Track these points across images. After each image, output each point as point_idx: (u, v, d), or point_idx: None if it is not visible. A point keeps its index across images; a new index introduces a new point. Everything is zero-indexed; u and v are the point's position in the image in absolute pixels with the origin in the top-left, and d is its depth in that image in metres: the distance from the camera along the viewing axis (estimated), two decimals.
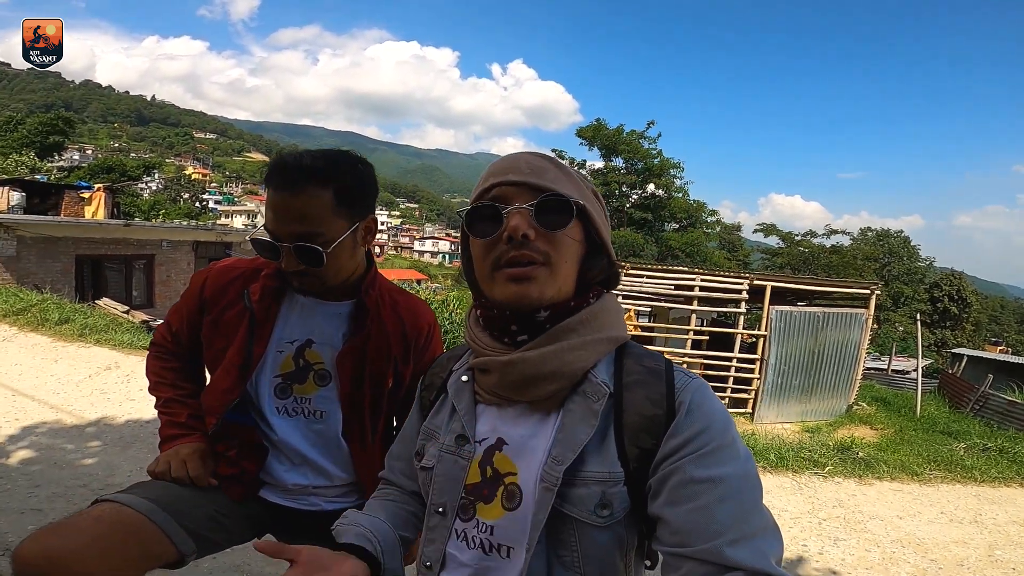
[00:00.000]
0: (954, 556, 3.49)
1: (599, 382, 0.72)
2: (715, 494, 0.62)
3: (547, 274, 0.72)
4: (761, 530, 0.62)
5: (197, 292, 1.24)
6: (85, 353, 6.17)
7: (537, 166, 0.75)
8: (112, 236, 12.32)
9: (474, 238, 0.76)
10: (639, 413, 0.70)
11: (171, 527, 1.07)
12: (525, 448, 0.73)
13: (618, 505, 0.68)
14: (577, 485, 0.68)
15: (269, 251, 1.11)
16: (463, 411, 0.79)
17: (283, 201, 1.06)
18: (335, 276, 1.16)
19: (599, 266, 0.78)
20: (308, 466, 1.23)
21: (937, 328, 36.78)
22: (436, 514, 0.78)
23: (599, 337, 0.74)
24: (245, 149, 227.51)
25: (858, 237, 39.79)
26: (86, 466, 3.36)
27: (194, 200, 49.88)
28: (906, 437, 7.07)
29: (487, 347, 0.77)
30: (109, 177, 31.33)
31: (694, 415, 0.68)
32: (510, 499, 0.72)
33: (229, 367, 1.19)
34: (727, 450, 0.66)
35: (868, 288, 9.74)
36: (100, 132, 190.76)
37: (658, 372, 0.73)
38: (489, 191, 0.75)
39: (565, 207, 0.72)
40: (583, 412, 0.71)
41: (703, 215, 27.86)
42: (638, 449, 0.68)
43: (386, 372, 1.24)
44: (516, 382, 0.74)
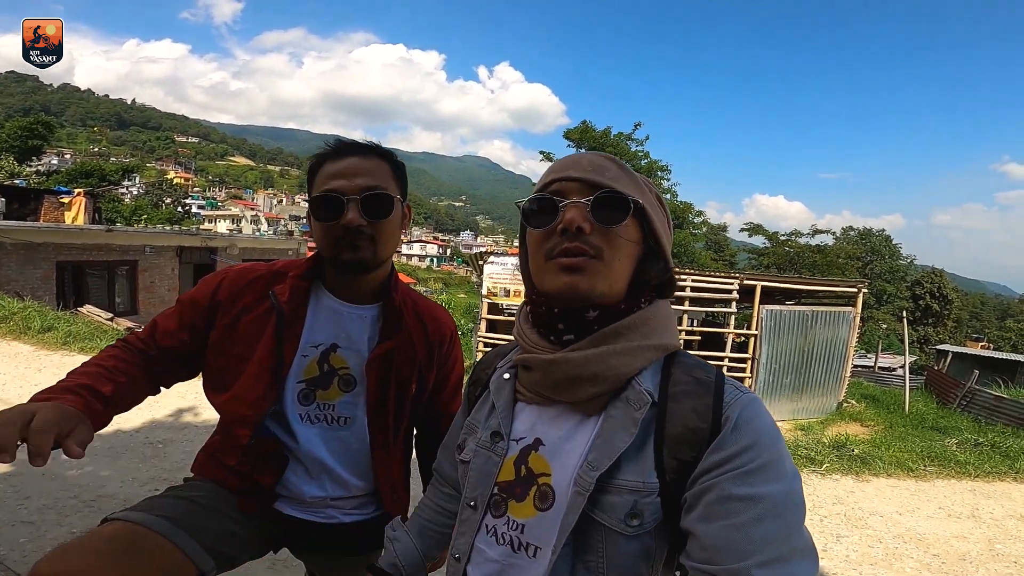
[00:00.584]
0: (956, 551, 3.52)
1: (642, 390, 0.70)
2: (753, 513, 0.59)
3: (599, 268, 0.71)
4: (798, 552, 0.58)
5: (209, 294, 1.16)
6: (69, 362, 6.02)
7: (599, 164, 0.75)
8: (94, 242, 12.10)
9: (530, 229, 0.76)
10: (683, 425, 0.68)
11: (189, 545, 1.02)
12: (561, 450, 0.72)
13: (649, 516, 0.67)
14: (610, 492, 0.67)
15: (329, 207, 1.08)
16: (501, 408, 0.80)
17: (352, 163, 1.10)
18: (386, 245, 1.14)
19: (655, 270, 0.77)
20: (327, 476, 1.18)
21: (920, 325, 37.45)
22: (468, 507, 0.79)
23: (647, 344, 0.73)
24: (229, 153, 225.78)
25: (841, 236, 40.42)
26: (75, 477, 3.25)
27: (176, 205, 49.18)
28: (897, 433, 7.17)
29: (534, 345, 0.77)
30: (88, 182, 30.76)
31: (741, 431, 0.65)
32: (543, 499, 0.72)
33: (259, 372, 1.12)
34: (773, 468, 0.63)
35: (855, 287, 9.88)
36: (79, 136, 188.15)
37: (707, 384, 0.70)
38: (549, 186, 0.75)
39: (622, 204, 0.71)
40: (623, 419, 0.69)
41: (690, 216, 28.08)
42: (677, 461, 0.67)
43: (411, 377, 1.22)
44: (558, 382, 0.73)
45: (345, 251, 1.10)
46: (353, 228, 1.07)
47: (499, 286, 9.38)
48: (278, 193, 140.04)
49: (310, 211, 1.12)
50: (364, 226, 1.08)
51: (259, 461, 1.15)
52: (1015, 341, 32.70)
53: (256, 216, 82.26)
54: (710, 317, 13.05)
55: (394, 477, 1.26)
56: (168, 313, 1.19)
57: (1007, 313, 51.68)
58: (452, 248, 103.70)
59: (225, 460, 1.18)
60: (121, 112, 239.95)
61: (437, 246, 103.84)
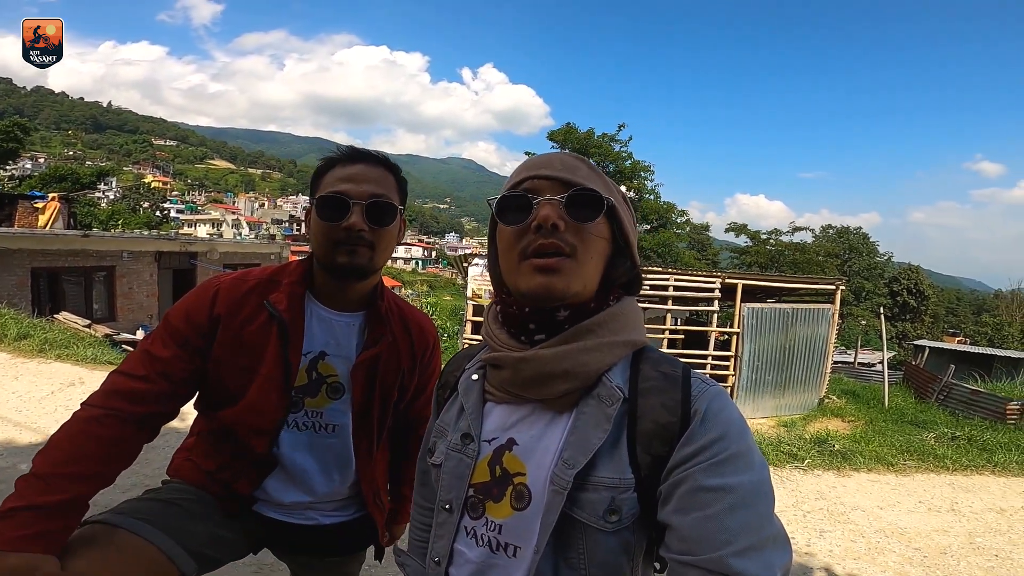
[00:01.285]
0: (937, 544, 3.59)
1: (613, 386, 0.71)
2: (726, 503, 0.61)
3: (573, 267, 0.71)
4: (771, 540, 0.61)
5: (207, 308, 1.10)
6: (46, 369, 5.90)
7: (570, 164, 0.76)
8: (69, 248, 11.82)
9: (503, 226, 0.75)
10: (653, 420, 0.69)
11: (169, 547, 1.01)
12: (536, 448, 0.72)
13: (627, 511, 0.68)
14: (587, 490, 0.67)
15: (335, 208, 1.09)
16: (470, 410, 0.79)
17: (362, 169, 1.13)
18: (383, 253, 1.15)
19: (623, 268, 0.78)
20: (309, 482, 1.18)
21: (897, 321, 38.20)
22: (443, 511, 0.78)
23: (616, 340, 0.73)
24: (208, 156, 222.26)
25: (820, 234, 41.02)
26: None
27: (155, 209, 48.30)
28: (877, 428, 7.30)
29: (503, 344, 0.77)
30: (62, 186, 30.00)
31: (709, 423, 0.67)
32: (519, 499, 0.72)
33: (269, 382, 1.12)
34: (742, 459, 0.65)
35: (833, 284, 10.05)
36: (53, 140, 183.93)
37: (674, 378, 0.72)
38: (521, 183, 0.76)
39: (595, 202, 0.72)
40: (596, 416, 0.70)
41: (673, 216, 28.34)
42: (650, 456, 0.68)
43: (395, 384, 1.23)
44: (528, 379, 0.73)
45: (342, 255, 1.10)
46: (355, 232, 1.08)
47: (484, 288, 9.39)
48: (259, 196, 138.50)
49: (314, 210, 1.12)
50: (365, 231, 1.09)
51: (242, 468, 1.14)
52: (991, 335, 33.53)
53: (237, 220, 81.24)
54: (693, 316, 13.18)
55: (376, 482, 1.27)
56: (160, 338, 1.09)
57: (982, 308, 52.88)
58: (437, 250, 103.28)
59: (203, 465, 1.17)
60: (97, 115, 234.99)
61: (422, 248, 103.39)
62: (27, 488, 0.90)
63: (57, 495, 0.90)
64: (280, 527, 1.20)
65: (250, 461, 1.15)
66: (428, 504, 0.91)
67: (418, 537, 0.94)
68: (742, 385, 9.35)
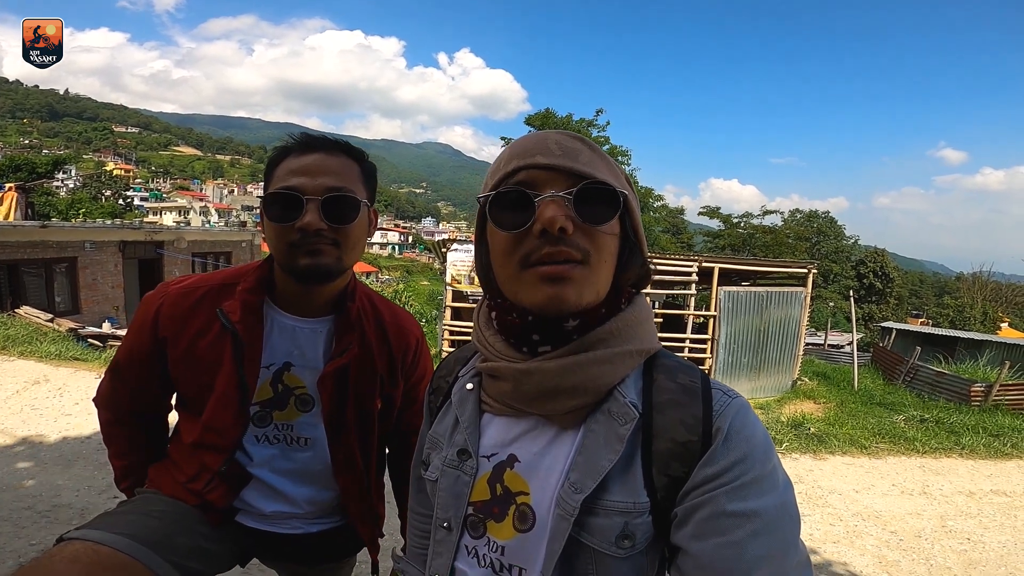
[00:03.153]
0: (911, 528, 3.70)
1: (627, 403, 0.64)
2: (748, 529, 0.56)
3: (586, 274, 0.62)
4: (794, 568, 0.56)
5: (150, 322, 1.05)
6: (9, 367, 5.68)
7: (569, 147, 0.64)
8: (28, 239, 11.30)
9: (497, 230, 0.64)
10: (672, 439, 0.62)
11: (156, 563, 0.95)
12: (539, 467, 0.66)
13: (641, 536, 0.62)
14: (597, 514, 0.61)
15: (287, 206, 0.97)
16: (466, 423, 0.72)
17: (316, 160, 1.00)
18: (351, 251, 1.04)
19: (635, 266, 0.68)
20: (287, 494, 1.12)
21: (864, 303, 39.28)
22: (441, 528, 0.72)
23: (629, 349, 0.65)
24: (173, 143, 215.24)
25: (788, 218, 41.74)
26: (28, 488, 3.09)
27: (117, 197, 46.60)
28: (848, 410, 7.49)
29: (500, 354, 0.69)
30: (18, 176, 28.72)
31: (732, 442, 0.61)
32: (522, 520, 0.66)
33: (225, 400, 1.04)
34: (766, 481, 0.59)
35: (806, 268, 10.24)
36: (9, 129, 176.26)
37: (694, 391, 0.64)
38: (513, 175, 0.64)
39: (610, 197, 0.62)
40: (607, 435, 0.63)
41: (651, 200, 28.54)
42: (667, 477, 0.61)
43: (373, 393, 1.14)
44: (532, 393, 0.65)
45: (302, 256, 0.99)
46: (312, 232, 0.97)
47: (463, 273, 9.30)
48: (228, 183, 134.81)
49: (262, 210, 1.01)
50: (324, 230, 0.98)
51: (212, 481, 1.08)
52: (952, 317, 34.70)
53: (205, 207, 79.06)
54: (670, 299, 13.33)
55: (366, 495, 1.20)
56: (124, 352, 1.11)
57: (944, 290, 54.59)
58: (414, 235, 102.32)
59: (177, 476, 1.11)
60: (53, 103, 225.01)
61: (399, 233, 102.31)
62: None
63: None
64: (265, 536, 1.14)
65: (226, 474, 1.08)
66: (424, 511, 0.86)
67: (416, 544, 0.89)
68: (719, 368, 9.51)
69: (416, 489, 0.88)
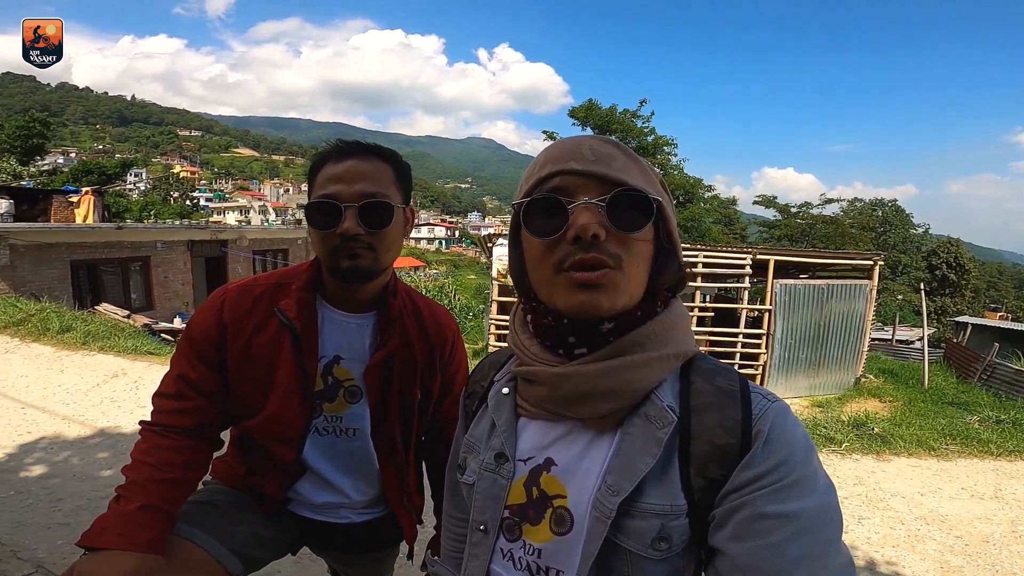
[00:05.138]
0: (979, 532, 3.49)
1: (664, 406, 0.64)
2: (788, 530, 0.56)
3: (619, 280, 0.63)
4: (835, 568, 0.55)
5: (214, 319, 1.11)
6: (90, 361, 6.08)
7: (603, 152, 0.65)
8: (105, 240, 12.20)
9: (531, 236, 0.66)
10: (709, 441, 0.62)
11: (218, 551, 1.04)
12: (577, 470, 0.67)
13: (677, 538, 0.62)
14: (634, 517, 0.62)
15: (327, 213, 1.03)
16: (503, 427, 0.73)
17: (351, 166, 1.05)
18: (387, 253, 1.09)
19: (670, 270, 0.69)
20: (337, 484, 1.19)
21: (937, 296, 36.98)
22: (478, 531, 0.74)
23: (666, 353, 0.66)
24: (232, 145, 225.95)
25: (848, 207, 39.63)
26: (106, 478, 3.32)
27: (184, 199, 49.39)
28: (916, 410, 7.08)
29: (536, 357, 0.70)
30: (90, 179, 30.87)
31: (773, 445, 0.60)
32: (559, 523, 0.66)
33: (288, 392, 1.10)
34: (807, 482, 0.59)
35: (871, 259, 9.72)
36: (83, 134, 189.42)
37: (732, 393, 0.65)
38: (547, 181, 0.65)
39: (643, 204, 0.63)
40: (644, 438, 0.63)
41: (700, 191, 27.78)
42: (705, 480, 0.62)
43: (414, 384, 1.19)
44: (568, 397, 0.66)
45: (344, 259, 1.04)
46: (350, 236, 1.02)
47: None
48: (284, 182, 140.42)
49: (305, 216, 1.07)
50: (362, 235, 1.03)
51: (269, 473, 1.15)
52: None
53: (264, 206, 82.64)
54: (723, 292, 12.95)
55: (406, 484, 1.26)
56: (181, 361, 1.12)
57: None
58: (460, 230, 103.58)
59: (236, 468, 1.19)
60: (122, 109, 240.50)
61: (445, 228, 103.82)
62: (136, 492, 0.96)
63: (164, 498, 0.98)
64: (316, 526, 1.21)
65: (277, 467, 1.15)
66: (460, 515, 0.88)
67: (451, 548, 0.91)
68: (774, 363, 9.20)
69: (451, 493, 0.90)
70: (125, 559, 0.87)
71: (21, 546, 2.53)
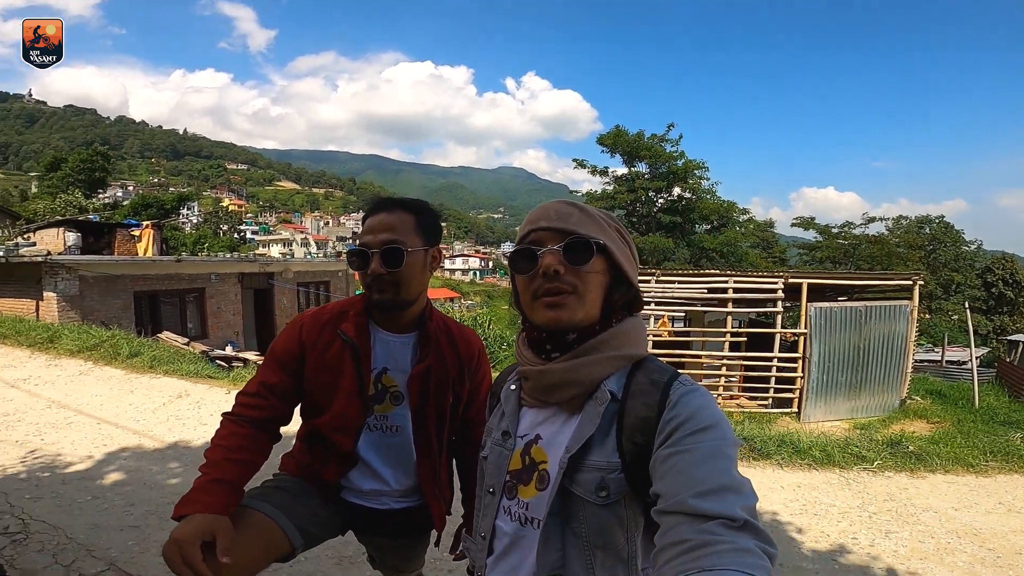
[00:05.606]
0: (1012, 545, 3.45)
1: (606, 390, 0.88)
2: (690, 459, 0.74)
3: (576, 301, 0.89)
4: (730, 487, 0.70)
5: (296, 338, 1.43)
6: (157, 383, 6.61)
7: (563, 212, 0.92)
8: (165, 272, 13.01)
9: (517, 274, 0.93)
10: (636, 416, 0.85)
11: (287, 525, 1.34)
12: (554, 442, 0.91)
13: (615, 488, 0.83)
14: (583, 471, 0.85)
15: (360, 258, 1.34)
16: (509, 412, 1.00)
17: (379, 219, 1.36)
18: (407, 288, 1.37)
19: (620, 293, 0.94)
20: (382, 473, 1.47)
21: (994, 314, 35.09)
22: (488, 494, 0.98)
23: (615, 354, 0.90)
24: (275, 178, 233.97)
25: (893, 227, 38.18)
26: (172, 486, 3.66)
27: (233, 231, 51.39)
28: (964, 429, 6.86)
29: (529, 361, 0.96)
30: (149, 212, 32.56)
31: (678, 408, 0.82)
32: (541, 481, 0.90)
33: (350, 396, 1.41)
34: (709, 432, 0.77)
35: (910, 279, 9.52)
36: (139, 168, 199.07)
37: (659, 383, 0.86)
38: (527, 236, 0.94)
39: (587, 246, 0.89)
40: (591, 413, 0.87)
41: (734, 215, 27.31)
42: (633, 444, 0.83)
43: (447, 391, 1.48)
44: (545, 386, 0.93)
45: (374, 293, 1.36)
46: (376, 276, 1.33)
47: None
48: (324, 215, 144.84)
49: (347, 260, 1.42)
50: (384, 274, 1.32)
51: (329, 461, 1.45)
52: None
53: (306, 239, 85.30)
54: (758, 317, 12.82)
55: (438, 476, 1.53)
56: (266, 370, 1.44)
57: None
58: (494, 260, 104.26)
59: (301, 460, 1.50)
60: (175, 143, 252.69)
61: (479, 259, 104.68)
62: (212, 469, 1.25)
63: (233, 474, 1.26)
64: (361, 511, 1.49)
65: (335, 456, 1.43)
66: None
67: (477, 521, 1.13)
68: (811, 387, 9.04)
69: (480, 476, 1.10)
70: (205, 520, 1.13)
71: (96, 546, 2.81)
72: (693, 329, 11.96)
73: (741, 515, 0.67)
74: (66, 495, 3.44)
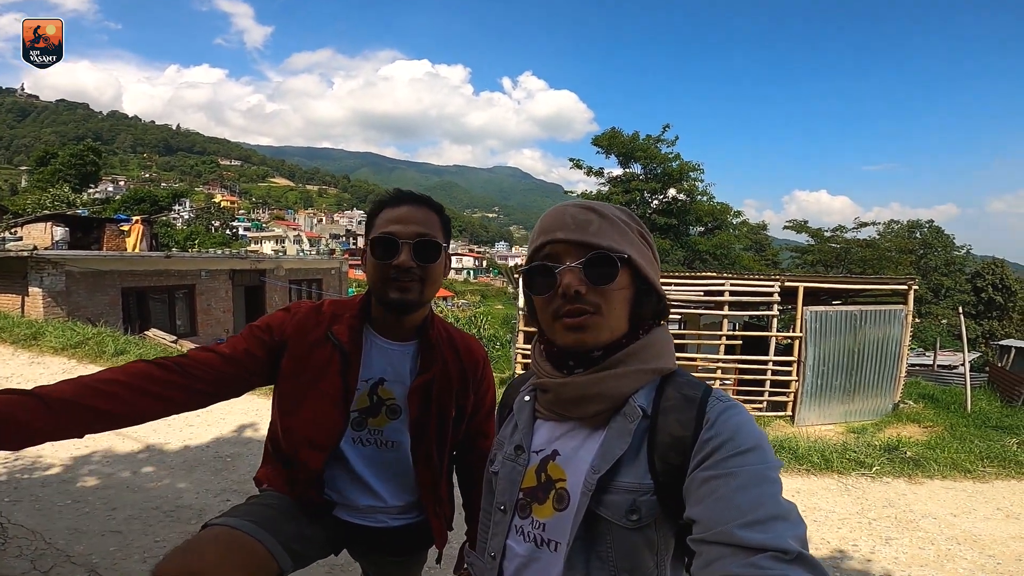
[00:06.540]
0: (1012, 551, 3.43)
1: (636, 406, 0.81)
2: (733, 485, 0.68)
3: (600, 321, 0.81)
4: (777, 516, 0.65)
5: (280, 325, 1.31)
6: None
7: (581, 220, 0.83)
8: (154, 268, 12.83)
9: (533, 295, 0.86)
10: (669, 434, 0.78)
11: (274, 546, 1.21)
12: (574, 458, 0.83)
13: (646, 511, 0.76)
14: (612, 492, 0.78)
15: (386, 248, 1.22)
16: (522, 425, 0.92)
17: (407, 211, 1.26)
18: (432, 287, 1.28)
19: (649, 303, 0.87)
20: (377, 490, 1.36)
21: (983, 319, 35.46)
22: (499, 511, 0.90)
23: (643, 368, 0.83)
24: (269, 175, 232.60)
25: (884, 231, 38.43)
26: (156, 489, 3.55)
27: (224, 228, 50.99)
28: (957, 434, 6.88)
29: (547, 373, 0.89)
30: (141, 207, 32.22)
31: (716, 427, 0.75)
32: (559, 501, 0.83)
33: (330, 402, 1.29)
34: (750, 454, 0.71)
35: (905, 283, 9.54)
36: (131, 163, 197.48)
37: (693, 399, 0.80)
38: (541, 249, 0.85)
39: (611, 262, 0.81)
40: (620, 431, 0.80)
41: (728, 217, 27.36)
42: (666, 464, 0.77)
43: (450, 404, 1.38)
44: (568, 400, 0.85)
45: (393, 291, 1.23)
46: (404, 268, 1.22)
47: None
48: (317, 212, 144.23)
49: (368, 250, 1.27)
50: (414, 268, 1.22)
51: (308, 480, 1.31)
52: None
53: (299, 236, 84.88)
54: (753, 320, 12.80)
55: (439, 492, 1.43)
56: (245, 337, 1.28)
57: None
58: (488, 260, 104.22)
59: (284, 477, 1.36)
60: (168, 138, 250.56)
61: (473, 258, 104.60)
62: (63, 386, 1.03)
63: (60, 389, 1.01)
64: (355, 529, 1.38)
65: (307, 475, 1.29)
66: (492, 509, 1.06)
67: (483, 539, 1.07)
68: (806, 390, 9.03)
69: (487, 491, 1.03)
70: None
71: (76, 551, 2.71)
72: (688, 332, 11.95)
73: (793, 547, 0.61)
74: (45, 498, 3.32)
